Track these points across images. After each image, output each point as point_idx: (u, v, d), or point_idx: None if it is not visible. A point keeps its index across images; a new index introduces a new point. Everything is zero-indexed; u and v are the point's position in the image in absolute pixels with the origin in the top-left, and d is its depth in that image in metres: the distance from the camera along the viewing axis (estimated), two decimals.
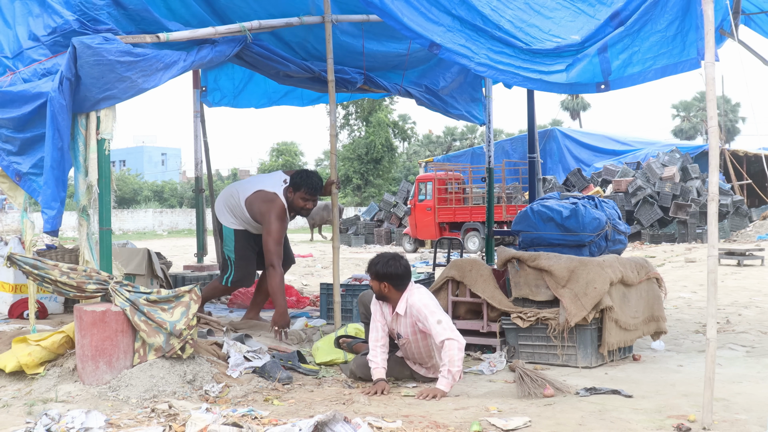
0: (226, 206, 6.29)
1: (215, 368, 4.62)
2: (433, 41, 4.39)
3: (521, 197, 21.10)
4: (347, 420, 3.35)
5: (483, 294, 5.43)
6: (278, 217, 6.01)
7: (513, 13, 4.42)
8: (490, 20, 4.35)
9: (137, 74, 4.56)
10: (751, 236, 19.63)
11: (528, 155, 8.42)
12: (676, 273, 12.07)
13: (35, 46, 4.65)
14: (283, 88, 7.67)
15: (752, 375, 4.80)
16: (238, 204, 6.19)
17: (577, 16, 4.41)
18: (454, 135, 54.65)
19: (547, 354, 5.14)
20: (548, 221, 5.69)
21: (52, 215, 4.48)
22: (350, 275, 7.83)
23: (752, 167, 28.01)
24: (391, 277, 4.53)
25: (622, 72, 4.19)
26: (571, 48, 4.23)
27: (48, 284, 4.53)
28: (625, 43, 4.15)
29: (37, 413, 3.90)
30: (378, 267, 4.56)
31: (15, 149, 4.72)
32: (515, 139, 27.99)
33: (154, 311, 4.45)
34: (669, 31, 4.10)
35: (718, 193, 3.79)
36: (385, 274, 4.53)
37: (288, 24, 5.67)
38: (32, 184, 4.68)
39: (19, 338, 4.74)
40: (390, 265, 4.54)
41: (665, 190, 21.14)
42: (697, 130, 54.21)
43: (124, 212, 41.74)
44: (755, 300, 8.60)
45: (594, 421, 3.75)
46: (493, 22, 4.35)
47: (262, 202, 6.06)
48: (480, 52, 4.35)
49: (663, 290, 5.81)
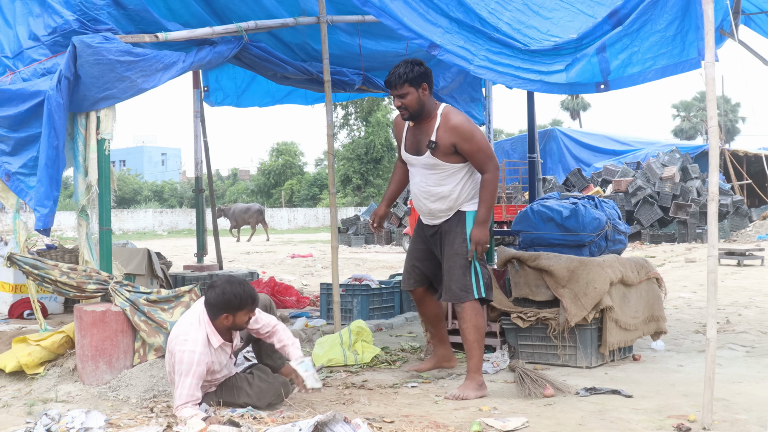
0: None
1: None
2: (433, 42, 4.38)
3: (521, 197, 21.11)
4: (347, 420, 3.35)
5: None
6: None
7: (511, 15, 4.42)
8: (488, 22, 4.35)
9: (137, 74, 4.57)
10: (751, 236, 19.63)
11: (528, 155, 8.42)
12: (676, 273, 12.07)
13: (35, 46, 4.65)
14: (286, 87, 7.67)
15: (752, 375, 4.80)
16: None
17: (575, 16, 4.41)
18: None
19: (547, 354, 5.14)
20: (548, 221, 5.69)
21: (44, 213, 4.47)
22: (350, 275, 7.83)
23: (752, 167, 28.01)
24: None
25: (622, 72, 4.18)
26: (569, 45, 4.22)
27: (48, 284, 4.54)
28: (624, 43, 4.14)
29: (37, 413, 3.90)
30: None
31: (8, 149, 4.71)
32: (515, 139, 27.95)
33: (154, 311, 4.45)
34: (669, 31, 4.10)
35: (718, 193, 3.79)
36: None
37: (284, 24, 5.70)
38: (20, 183, 4.65)
39: (19, 338, 4.74)
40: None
41: (665, 190, 21.13)
42: (697, 130, 54.25)
43: (124, 212, 41.74)
44: (755, 300, 8.60)
45: (594, 421, 3.75)
46: (491, 24, 4.35)
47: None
48: (479, 53, 4.35)
49: (663, 290, 5.81)
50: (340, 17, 6.00)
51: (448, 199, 4.53)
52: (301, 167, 56.29)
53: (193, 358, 3.71)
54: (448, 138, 4.41)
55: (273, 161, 55.13)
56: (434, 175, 4.52)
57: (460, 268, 4.50)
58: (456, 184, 4.51)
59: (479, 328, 4.51)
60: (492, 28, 4.34)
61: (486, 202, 4.48)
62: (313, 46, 6.33)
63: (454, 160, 4.46)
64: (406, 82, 4.41)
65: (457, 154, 4.45)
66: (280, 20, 5.68)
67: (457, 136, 4.41)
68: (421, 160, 4.53)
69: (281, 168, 54.51)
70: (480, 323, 4.52)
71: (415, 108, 4.45)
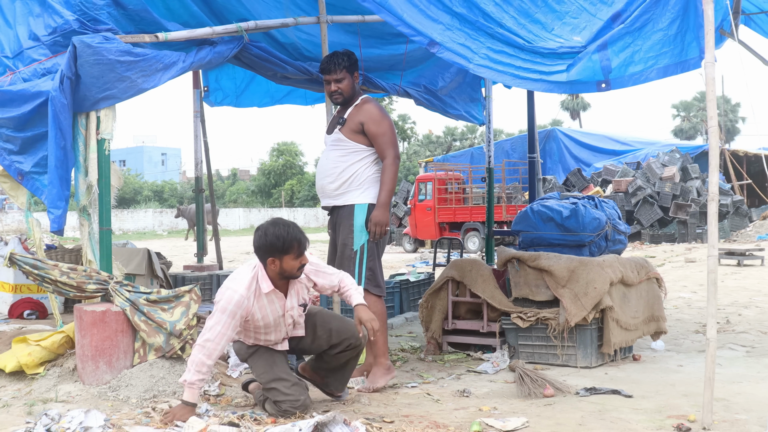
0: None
1: (215, 368, 4.62)
2: (432, 39, 4.36)
3: (521, 197, 21.11)
4: (347, 422, 3.35)
5: (483, 294, 5.43)
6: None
7: (518, 5, 4.38)
8: (492, 17, 4.32)
9: (137, 74, 4.57)
10: (751, 236, 19.64)
11: (528, 155, 8.42)
12: (676, 273, 12.07)
13: (35, 46, 4.65)
14: (286, 87, 7.67)
15: (752, 375, 4.80)
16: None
17: (580, 12, 4.40)
18: (454, 135, 54.66)
19: (547, 354, 5.14)
20: (548, 221, 5.70)
21: (58, 215, 4.50)
22: None
23: (752, 167, 28.01)
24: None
25: (624, 71, 4.16)
26: (572, 50, 4.21)
27: (48, 284, 4.53)
28: (626, 42, 4.12)
29: (37, 413, 3.90)
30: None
31: (16, 148, 4.73)
32: (515, 139, 27.97)
33: (154, 311, 4.45)
34: (670, 30, 4.08)
35: (718, 193, 3.79)
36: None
37: (284, 24, 5.70)
38: (35, 182, 4.69)
39: (19, 338, 4.74)
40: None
41: (665, 190, 21.14)
42: (697, 130, 54.24)
43: (124, 212, 41.76)
44: (755, 300, 8.60)
45: (594, 421, 3.75)
46: (495, 19, 4.32)
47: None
48: (480, 51, 4.32)
49: (663, 290, 5.82)
50: (340, 17, 6.00)
51: (340, 177, 4.70)
52: (301, 167, 56.31)
53: (234, 297, 3.65)
54: (358, 117, 4.70)
55: (273, 161, 55.14)
56: (336, 151, 4.75)
57: (347, 258, 4.68)
58: (352, 164, 4.69)
59: (380, 315, 4.66)
60: (496, 23, 4.31)
61: (386, 185, 4.66)
62: (310, 46, 6.33)
63: (358, 139, 4.70)
64: (344, 68, 4.74)
65: (363, 135, 4.70)
66: (280, 20, 5.68)
67: (366, 117, 4.69)
68: (330, 138, 4.81)
69: (281, 168, 54.51)
70: (379, 310, 4.66)
71: (348, 92, 4.76)
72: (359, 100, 4.78)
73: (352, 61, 4.77)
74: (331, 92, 4.78)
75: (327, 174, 4.76)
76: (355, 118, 4.70)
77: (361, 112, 4.71)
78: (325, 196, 4.83)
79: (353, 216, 4.68)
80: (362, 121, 4.68)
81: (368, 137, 4.69)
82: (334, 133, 4.76)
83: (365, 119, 4.68)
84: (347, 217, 4.70)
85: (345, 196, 4.71)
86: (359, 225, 4.66)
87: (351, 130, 4.70)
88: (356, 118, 4.70)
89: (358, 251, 4.65)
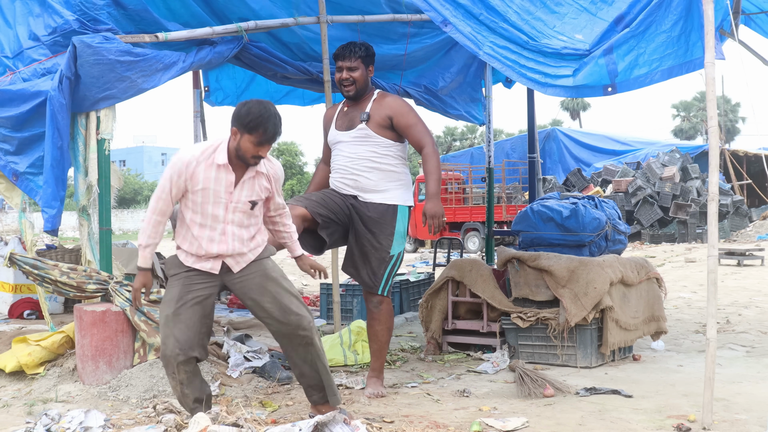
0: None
1: (215, 368, 4.62)
2: (445, 18, 4.34)
3: (521, 197, 21.10)
4: (347, 422, 3.35)
5: (483, 294, 5.43)
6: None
7: (520, 2, 4.39)
8: (497, 10, 4.32)
9: (137, 74, 4.57)
10: (751, 236, 19.63)
11: (528, 155, 8.42)
12: (676, 273, 12.06)
13: (35, 46, 4.65)
14: (284, 88, 7.68)
15: (752, 375, 4.80)
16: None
17: (579, 13, 4.40)
18: (454, 135, 54.64)
19: (547, 354, 5.14)
20: (548, 221, 5.69)
21: (52, 214, 4.49)
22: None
23: (752, 167, 27.98)
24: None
25: (629, 74, 4.15)
26: (577, 52, 4.22)
27: (48, 284, 4.54)
28: (631, 45, 4.12)
29: (37, 413, 3.90)
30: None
31: (12, 149, 4.72)
32: (515, 139, 27.93)
33: (154, 311, 4.45)
34: (674, 31, 4.09)
35: (718, 193, 3.79)
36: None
37: (284, 24, 5.70)
38: (29, 183, 4.68)
39: (19, 338, 4.74)
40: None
41: (665, 190, 21.13)
42: (697, 130, 54.20)
43: (124, 212, 41.79)
44: (755, 300, 8.60)
45: (594, 421, 3.75)
46: (499, 12, 4.32)
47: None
48: (485, 42, 4.33)
49: (663, 290, 5.82)
50: (340, 17, 6.01)
51: (378, 172, 4.45)
52: (301, 167, 56.28)
53: (185, 156, 3.43)
54: (383, 111, 4.46)
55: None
56: (364, 146, 4.47)
57: (377, 260, 4.45)
58: (387, 162, 4.48)
59: (390, 330, 4.62)
60: (500, 17, 4.31)
61: (433, 174, 4.41)
62: (311, 46, 6.33)
63: (386, 134, 4.46)
64: (359, 58, 4.51)
65: (392, 130, 4.47)
66: (280, 20, 5.68)
67: (392, 111, 4.46)
68: (352, 134, 4.50)
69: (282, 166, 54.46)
70: (392, 325, 4.63)
71: (361, 84, 4.52)
72: (376, 94, 4.55)
73: (369, 53, 4.57)
74: (341, 80, 4.52)
75: (361, 169, 4.46)
76: (380, 113, 4.46)
77: (384, 107, 4.47)
78: (358, 190, 4.49)
79: (396, 219, 4.46)
80: (390, 116, 4.44)
81: (397, 131, 4.47)
82: (357, 128, 4.48)
83: (392, 113, 4.44)
84: (389, 217, 4.45)
85: (387, 194, 4.47)
86: (401, 231, 4.47)
87: (378, 125, 4.45)
88: (381, 113, 4.46)
89: (395, 257, 4.48)
